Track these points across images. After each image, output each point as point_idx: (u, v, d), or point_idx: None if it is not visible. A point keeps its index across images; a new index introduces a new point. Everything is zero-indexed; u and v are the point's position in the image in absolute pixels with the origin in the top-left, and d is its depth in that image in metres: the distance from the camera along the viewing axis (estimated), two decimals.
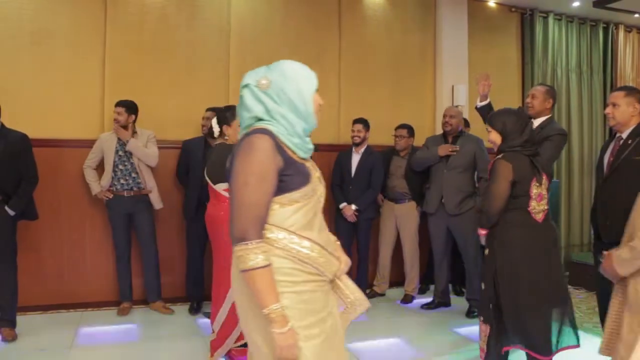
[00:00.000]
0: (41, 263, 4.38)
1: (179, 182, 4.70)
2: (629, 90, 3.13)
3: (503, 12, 6.23)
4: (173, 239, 4.72)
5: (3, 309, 3.73)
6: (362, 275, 4.83)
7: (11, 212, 3.69)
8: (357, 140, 4.73)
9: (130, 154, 4.31)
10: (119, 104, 4.31)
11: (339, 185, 4.77)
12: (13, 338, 3.71)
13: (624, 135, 3.12)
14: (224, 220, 2.89)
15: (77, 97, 4.52)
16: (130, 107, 4.32)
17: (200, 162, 4.45)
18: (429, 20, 5.77)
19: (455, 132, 4.53)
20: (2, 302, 3.72)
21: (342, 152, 4.89)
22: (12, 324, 3.78)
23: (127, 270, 4.43)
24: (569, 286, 5.48)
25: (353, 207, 4.64)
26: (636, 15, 6.43)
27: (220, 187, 3.26)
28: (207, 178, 3.33)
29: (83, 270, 4.52)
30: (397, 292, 5.03)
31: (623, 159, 3.06)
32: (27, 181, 3.77)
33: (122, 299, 4.44)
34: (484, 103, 3.95)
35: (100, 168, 4.38)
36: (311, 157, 1.82)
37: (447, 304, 4.69)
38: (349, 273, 2.00)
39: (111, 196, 4.30)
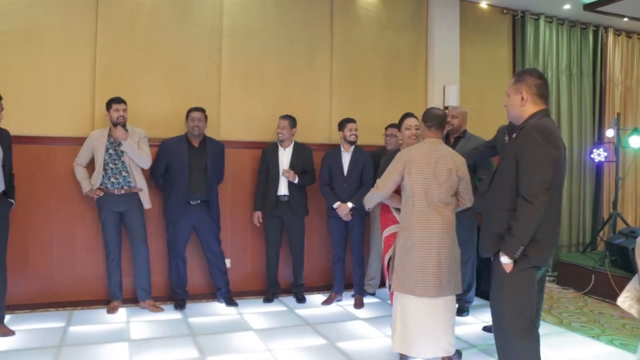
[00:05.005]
0: (30, 261, 4.35)
1: (155, 182, 4.60)
2: (518, 76, 2.64)
3: (495, 14, 6.27)
4: (162, 238, 4.70)
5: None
6: (359, 274, 4.83)
7: (14, 202, 3.87)
8: (354, 138, 4.73)
9: (121, 152, 4.29)
10: (120, 100, 4.28)
11: (328, 185, 4.76)
12: (7, 334, 3.73)
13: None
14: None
15: (68, 95, 4.48)
16: (126, 104, 4.32)
17: (186, 162, 4.46)
18: (421, 21, 5.79)
19: (457, 133, 4.52)
20: None
21: (330, 152, 4.85)
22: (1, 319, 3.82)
23: (117, 269, 4.41)
24: (557, 286, 5.55)
25: (349, 204, 4.64)
26: (625, 19, 6.49)
27: None
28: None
29: (73, 268, 4.49)
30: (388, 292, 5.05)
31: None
32: (13, 175, 3.90)
33: (112, 298, 4.42)
34: None
35: (90, 166, 4.36)
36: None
37: None
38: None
39: (102, 194, 4.28)
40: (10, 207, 3.85)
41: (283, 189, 4.74)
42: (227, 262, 4.84)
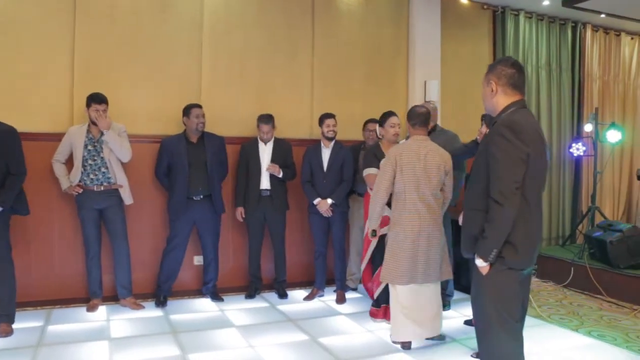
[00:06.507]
0: None
1: (160, 182, 4.64)
2: (490, 66, 2.54)
3: (475, 9, 6.30)
4: (143, 235, 4.66)
5: (1, 304, 3.74)
6: (341, 269, 4.83)
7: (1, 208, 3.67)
8: (332, 134, 4.72)
9: (101, 148, 4.22)
10: (100, 100, 4.16)
11: (309, 182, 4.75)
12: (8, 334, 3.69)
13: None
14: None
15: (46, 89, 4.40)
16: (107, 101, 4.23)
17: (185, 159, 4.45)
18: (402, 16, 5.80)
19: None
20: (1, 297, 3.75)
21: (311, 148, 4.83)
22: (10, 319, 3.77)
23: (97, 267, 4.35)
24: (537, 279, 5.62)
25: (329, 201, 4.64)
26: (602, 16, 6.58)
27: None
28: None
29: (51, 266, 4.43)
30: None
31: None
32: (16, 175, 3.72)
33: (91, 296, 4.36)
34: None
35: (69, 163, 4.29)
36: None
37: None
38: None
39: (81, 191, 4.21)
40: (1, 212, 3.67)
41: (265, 183, 4.72)
42: None
